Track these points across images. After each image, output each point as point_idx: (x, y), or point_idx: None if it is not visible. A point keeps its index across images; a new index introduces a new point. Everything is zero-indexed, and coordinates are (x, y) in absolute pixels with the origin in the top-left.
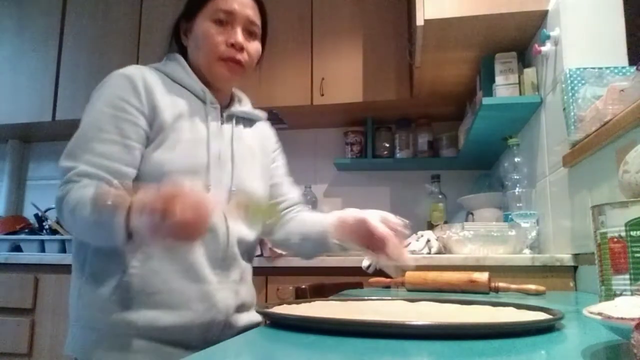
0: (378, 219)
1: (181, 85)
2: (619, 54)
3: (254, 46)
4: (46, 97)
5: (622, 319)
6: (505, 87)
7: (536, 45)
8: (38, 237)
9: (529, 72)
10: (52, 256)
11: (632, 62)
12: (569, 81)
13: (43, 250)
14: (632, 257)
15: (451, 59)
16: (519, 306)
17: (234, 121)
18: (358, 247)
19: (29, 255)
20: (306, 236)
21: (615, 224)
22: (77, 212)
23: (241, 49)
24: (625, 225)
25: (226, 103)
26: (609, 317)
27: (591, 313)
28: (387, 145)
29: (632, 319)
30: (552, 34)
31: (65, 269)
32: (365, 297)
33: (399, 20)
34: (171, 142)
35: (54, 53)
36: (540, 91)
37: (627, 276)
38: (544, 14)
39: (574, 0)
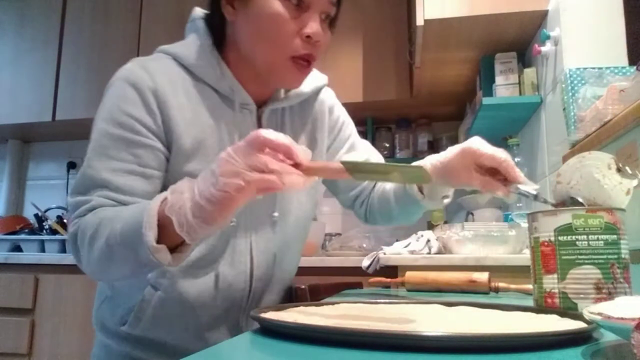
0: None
1: (205, 82)
2: (619, 54)
3: (328, 37)
4: (46, 97)
5: (622, 319)
6: (505, 87)
7: (536, 45)
8: (38, 237)
9: (529, 72)
10: (52, 256)
11: (632, 62)
12: (569, 81)
13: (43, 250)
14: (560, 259)
15: (451, 59)
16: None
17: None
18: (463, 185)
19: (29, 255)
20: (384, 194)
21: (546, 229)
22: (99, 233)
23: (316, 43)
24: (554, 230)
25: (269, 92)
26: (609, 317)
27: (591, 313)
28: (387, 145)
29: (632, 319)
30: (552, 34)
31: (65, 269)
32: (398, 300)
33: (399, 20)
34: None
35: (54, 53)
36: (540, 91)
37: (555, 275)
38: (544, 14)
39: (574, 1)
